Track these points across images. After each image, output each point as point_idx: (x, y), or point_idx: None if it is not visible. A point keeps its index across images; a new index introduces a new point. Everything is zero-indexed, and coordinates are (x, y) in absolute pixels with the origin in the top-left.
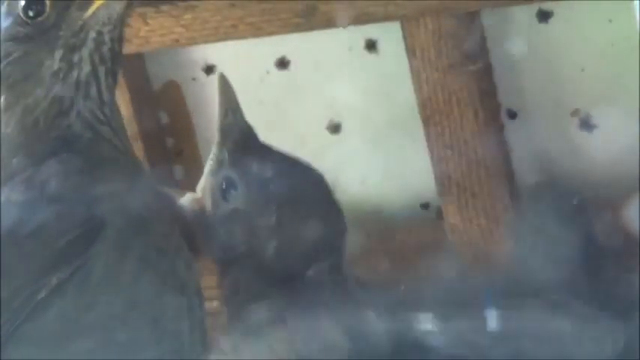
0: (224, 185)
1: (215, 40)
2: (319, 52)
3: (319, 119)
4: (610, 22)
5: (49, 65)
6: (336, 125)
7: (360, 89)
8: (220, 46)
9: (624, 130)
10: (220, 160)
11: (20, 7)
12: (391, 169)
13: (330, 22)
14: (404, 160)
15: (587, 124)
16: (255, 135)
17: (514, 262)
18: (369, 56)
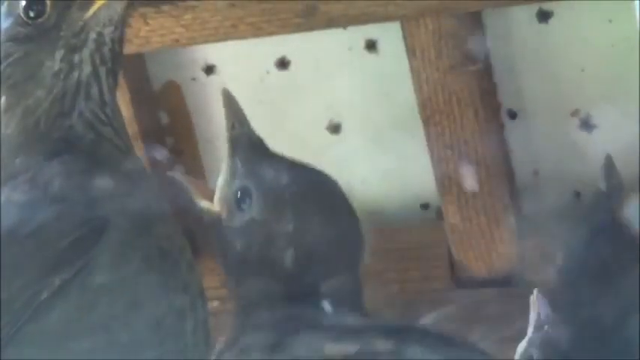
0: (239, 195)
1: (215, 40)
2: (319, 52)
3: (319, 119)
4: (610, 22)
5: (49, 66)
6: (336, 125)
7: (360, 89)
8: (220, 46)
9: (624, 130)
10: (233, 171)
11: (21, 8)
12: (391, 169)
13: (330, 22)
14: (404, 160)
15: (587, 124)
16: (265, 144)
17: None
18: (369, 56)
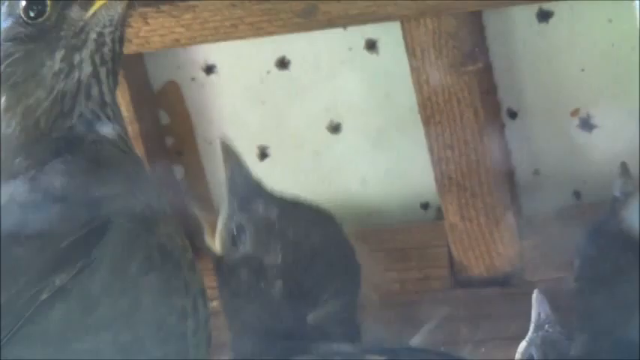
0: (235, 232)
1: (215, 40)
2: (319, 52)
3: (319, 119)
4: (610, 22)
5: (50, 66)
6: (336, 125)
7: (360, 89)
8: (220, 46)
9: (624, 130)
10: (231, 213)
11: (21, 8)
12: (391, 169)
13: (330, 22)
14: (404, 160)
15: (587, 124)
16: (262, 185)
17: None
18: (369, 56)
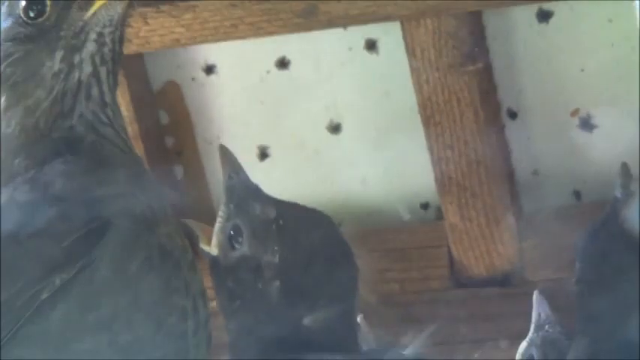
0: (231, 233)
1: (215, 40)
2: (319, 52)
3: (319, 119)
4: (610, 22)
5: (49, 66)
6: (336, 125)
7: (360, 89)
8: (220, 46)
9: (624, 130)
10: (228, 215)
11: (21, 8)
12: (391, 169)
13: (330, 22)
14: (404, 160)
15: (587, 124)
16: (259, 189)
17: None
18: (369, 56)
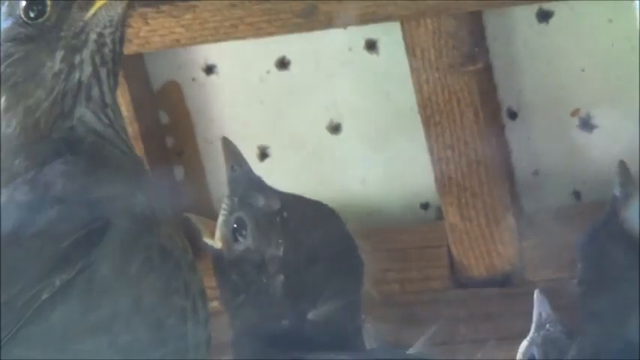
0: (235, 226)
1: (215, 40)
2: (319, 52)
3: (319, 119)
4: (610, 22)
5: (50, 66)
6: (336, 125)
7: (360, 89)
8: (220, 46)
9: (624, 130)
10: (231, 208)
11: (21, 8)
12: (391, 169)
13: (330, 22)
14: (404, 160)
15: (587, 124)
16: (263, 181)
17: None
18: (369, 56)
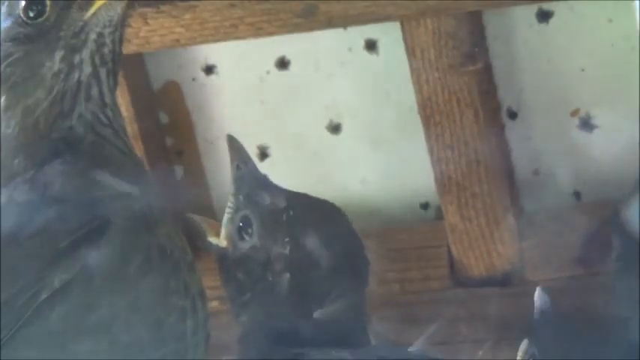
0: (241, 224)
1: (215, 40)
2: (319, 52)
3: (319, 119)
4: (610, 22)
5: (49, 66)
6: (336, 125)
7: (360, 89)
8: (220, 46)
9: (624, 130)
10: (237, 207)
11: (20, 8)
12: (391, 169)
13: (330, 22)
14: (404, 160)
15: (587, 124)
16: (268, 179)
17: None
18: (369, 56)
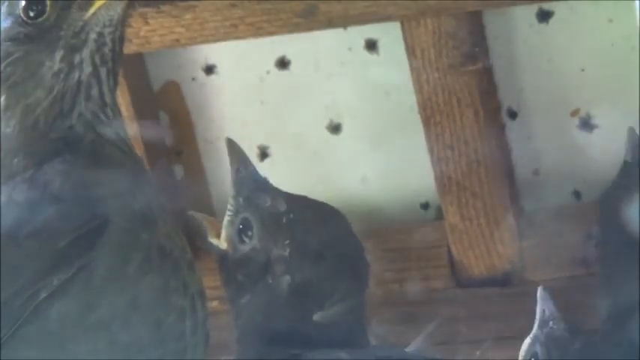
0: (241, 227)
1: (215, 40)
2: (319, 52)
3: (319, 119)
4: (610, 22)
5: (49, 66)
6: (336, 125)
7: (360, 89)
8: (220, 46)
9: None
10: (237, 209)
11: (21, 8)
12: (391, 169)
13: (330, 22)
14: (404, 160)
15: (587, 124)
16: (268, 182)
17: None
18: (369, 56)
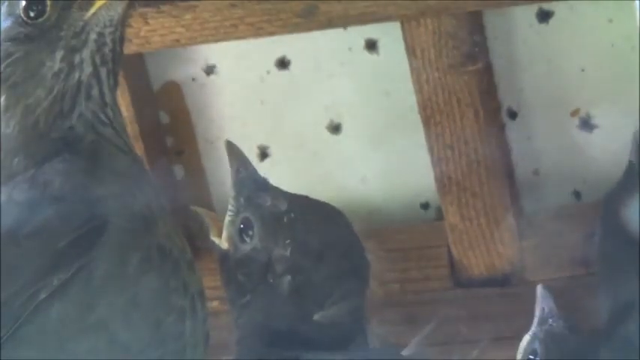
0: (241, 226)
1: (215, 40)
2: (319, 52)
3: (319, 119)
4: (610, 22)
5: (50, 66)
6: (336, 125)
7: (360, 89)
8: (220, 46)
9: (624, 130)
10: (237, 209)
11: (21, 8)
12: (391, 169)
13: (330, 22)
14: (404, 160)
15: (587, 124)
16: (268, 182)
17: None
18: (369, 56)
